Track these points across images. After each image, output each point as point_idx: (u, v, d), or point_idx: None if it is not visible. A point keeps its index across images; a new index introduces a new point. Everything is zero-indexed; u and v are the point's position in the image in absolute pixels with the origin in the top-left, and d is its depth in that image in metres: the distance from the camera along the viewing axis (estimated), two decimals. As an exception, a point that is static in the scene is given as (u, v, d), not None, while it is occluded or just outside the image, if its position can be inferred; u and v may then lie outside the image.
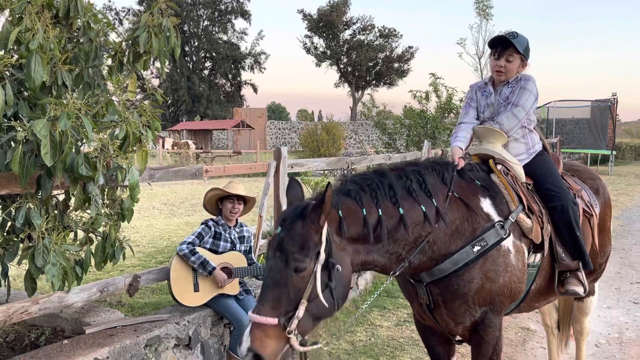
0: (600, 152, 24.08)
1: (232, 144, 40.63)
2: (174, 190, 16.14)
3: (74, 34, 3.25)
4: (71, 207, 3.32)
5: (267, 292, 2.26)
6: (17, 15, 2.84)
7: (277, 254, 2.30)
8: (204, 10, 54.36)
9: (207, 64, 56.85)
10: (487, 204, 2.84)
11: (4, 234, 3.20)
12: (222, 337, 4.18)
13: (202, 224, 4.14)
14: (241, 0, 55.45)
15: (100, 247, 3.37)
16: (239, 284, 4.14)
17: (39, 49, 2.70)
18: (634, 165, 28.55)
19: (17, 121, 2.64)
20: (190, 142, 31.85)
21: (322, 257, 2.29)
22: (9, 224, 3.17)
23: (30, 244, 2.90)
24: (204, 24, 55.26)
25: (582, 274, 3.09)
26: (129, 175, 3.07)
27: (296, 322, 2.22)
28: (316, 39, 54.15)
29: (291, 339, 2.22)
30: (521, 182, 3.07)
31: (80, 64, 3.17)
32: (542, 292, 3.13)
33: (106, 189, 3.29)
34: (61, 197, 3.37)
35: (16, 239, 3.06)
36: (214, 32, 55.62)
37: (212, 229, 4.12)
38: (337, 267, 2.34)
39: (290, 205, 2.52)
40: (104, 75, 3.33)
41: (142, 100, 3.40)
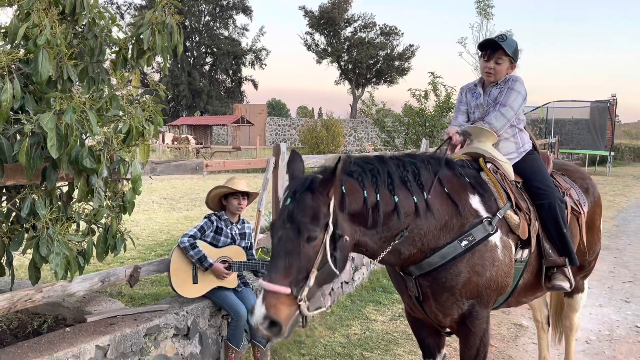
0: (598, 152, 24.18)
1: (232, 139, 40.69)
2: (174, 185, 16.23)
3: (80, 30, 3.34)
4: (74, 199, 3.41)
5: (278, 261, 2.35)
6: (25, 11, 2.93)
7: (287, 224, 2.38)
8: (206, 5, 54.33)
9: (208, 60, 56.82)
10: (476, 201, 2.93)
11: (9, 223, 3.29)
12: (220, 328, 4.28)
13: (205, 218, 4.21)
14: (243, -4, 55.46)
15: (102, 238, 3.46)
16: (238, 277, 4.23)
17: (46, 45, 2.80)
18: (632, 166, 28.67)
19: (24, 114, 2.73)
20: (190, 137, 31.92)
21: (330, 228, 2.40)
22: (13, 214, 3.26)
23: (34, 233, 2.99)
24: (205, 20, 55.23)
25: (568, 270, 3.18)
26: (131, 168, 3.16)
27: (307, 290, 2.33)
28: (317, 36, 54.27)
29: (301, 305, 2.32)
30: (510, 180, 3.17)
31: (85, 59, 3.26)
32: (529, 287, 3.23)
33: (109, 181, 3.39)
34: (65, 188, 3.46)
35: (21, 228, 3.15)
36: (215, 28, 55.60)
37: (215, 224, 4.19)
38: (345, 237, 2.47)
39: (292, 178, 2.62)
40: (108, 70, 3.42)
41: (143, 94, 3.49)
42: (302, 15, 54.13)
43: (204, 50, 55.71)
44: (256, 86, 58.37)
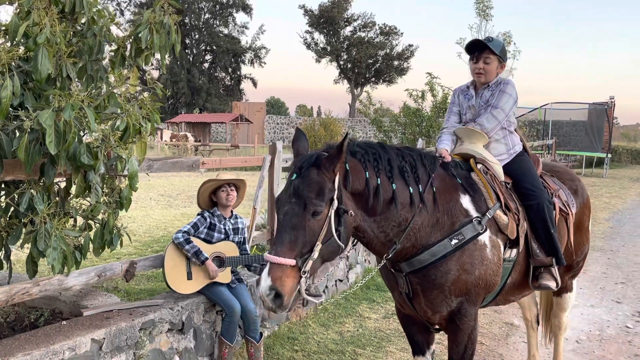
0: (595, 154, 24.26)
1: (231, 137, 40.70)
2: (172, 182, 16.27)
3: (79, 28, 3.39)
4: (72, 195, 3.46)
5: (283, 234, 2.41)
6: (26, 9, 2.98)
7: (292, 199, 2.45)
8: (206, 3, 54.26)
9: (208, 57, 56.77)
10: (466, 200, 3.00)
11: (8, 218, 3.34)
12: (214, 324, 4.33)
13: (198, 215, 4.27)
14: (242, -6, 55.41)
15: (98, 234, 3.51)
16: (232, 272, 4.29)
17: (45, 43, 2.84)
18: (629, 168, 28.75)
19: (23, 111, 2.78)
20: (188, 135, 31.92)
21: (335, 203, 2.48)
22: (12, 208, 3.31)
23: (32, 228, 3.04)
24: (205, 17, 55.17)
25: (555, 270, 3.25)
26: (128, 165, 3.22)
27: (311, 263, 2.40)
28: (317, 35, 54.22)
29: (302, 280, 2.39)
30: (500, 180, 3.23)
31: (84, 57, 3.31)
32: (517, 286, 3.30)
33: (106, 177, 3.44)
34: (63, 184, 3.52)
35: (19, 223, 3.20)
36: (214, 26, 55.55)
37: (208, 220, 4.25)
38: (350, 212, 2.54)
39: (297, 155, 2.69)
40: (107, 68, 3.47)
41: (141, 92, 3.55)
42: (301, 14, 54.10)
43: (204, 47, 55.68)
44: (255, 84, 58.34)
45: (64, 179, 3.44)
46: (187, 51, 53.75)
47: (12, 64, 2.83)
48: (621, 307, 6.38)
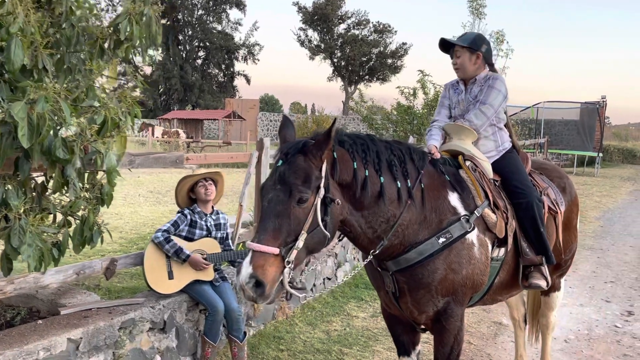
0: (587, 154, 24.35)
1: (223, 134, 40.53)
2: (161, 178, 16.13)
3: (57, 19, 3.28)
4: (50, 190, 3.37)
5: (267, 222, 2.31)
6: (-1, -1, 2.88)
7: (278, 186, 2.36)
8: (199, -1, 54.05)
9: (201, 54, 56.49)
10: (454, 198, 2.93)
11: (-19, 214, 3.24)
12: (197, 323, 4.25)
13: (179, 213, 4.19)
14: (236, -10, 55.14)
15: (78, 230, 3.41)
16: (215, 270, 4.21)
17: (19, 33, 2.75)
18: (620, 167, 28.88)
19: (-3, 103, 2.69)
20: (180, 131, 31.75)
21: (322, 192, 2.39)
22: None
23: (7, 224, 2.95)
24: (199, 13, 54.88)
25: (545, 269, 3.19)
26: (106, 159, 3.12)
27: (295, 253, 2.30)
28: (310, 32, 54.15)
29: (285, 270, 2.29)
30: (489, 178, 3.16)
31: (61, 48, 3.21)
32: (505, 285, 3.23)
33: (86, 173, 3.34)
34: (40, 179, 3.42)
35: (-7, 219, 3.10)
36: (208, 22, 55.26)
37: (189, 217, 4.16)
38: (337, 201, 2.45)
39: (284, 142, 2.59)
40: (85, 60, 3.37)
41: (124, 84, 3.45)
42: (295, 11, 53.99)
43: (197, 44, 55.39)
44: (249, 81, 58.16)
45: (42, 174, 3.34)
46: (180, 47, 53.48)
47: (-14, 55, 2.73)
48: (610, 306, 6.35)
